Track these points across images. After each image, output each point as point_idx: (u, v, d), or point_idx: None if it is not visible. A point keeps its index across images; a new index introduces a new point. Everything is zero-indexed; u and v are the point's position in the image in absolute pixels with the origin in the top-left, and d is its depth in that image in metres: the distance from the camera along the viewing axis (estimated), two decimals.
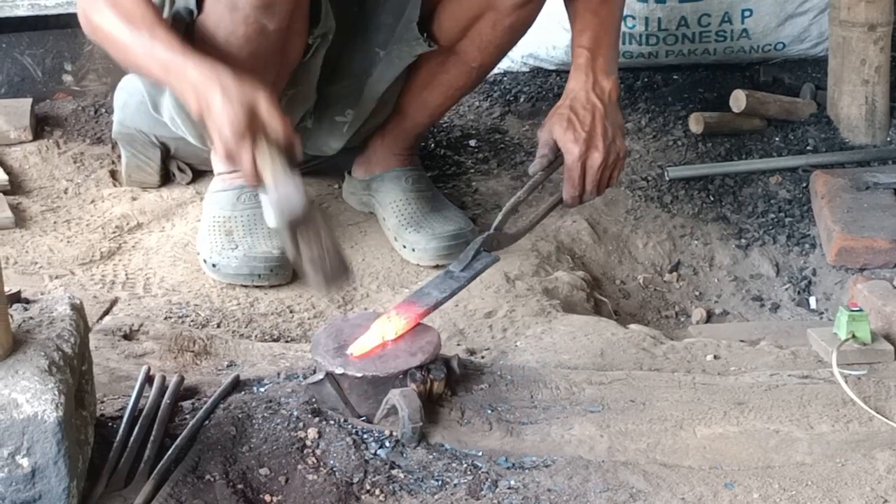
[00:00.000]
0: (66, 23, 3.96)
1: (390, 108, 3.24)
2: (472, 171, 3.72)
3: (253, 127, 2.36)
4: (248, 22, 2.74)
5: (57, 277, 3.03)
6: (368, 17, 3.10)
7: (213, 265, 3.03)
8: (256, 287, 3.02)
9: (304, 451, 2.11)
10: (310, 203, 2.29)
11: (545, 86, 4.19)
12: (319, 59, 3.00)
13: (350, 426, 2.19)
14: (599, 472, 2.12)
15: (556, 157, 2.74)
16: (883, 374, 2.50)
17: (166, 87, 2.63)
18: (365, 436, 2.17)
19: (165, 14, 2.91)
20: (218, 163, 3.19)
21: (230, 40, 2.78)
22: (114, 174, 3.59)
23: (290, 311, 2.95)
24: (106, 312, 2.82)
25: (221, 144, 2.38)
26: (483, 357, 2.65)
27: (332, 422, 2.18)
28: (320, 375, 2.23)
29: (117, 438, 2.10)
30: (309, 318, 2.93)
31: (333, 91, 3.15)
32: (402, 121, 3.27)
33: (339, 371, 2.21)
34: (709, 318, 3.29)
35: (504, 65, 4.21)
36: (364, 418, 2.22)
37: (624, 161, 2.81)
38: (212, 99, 2.39)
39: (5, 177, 3.48)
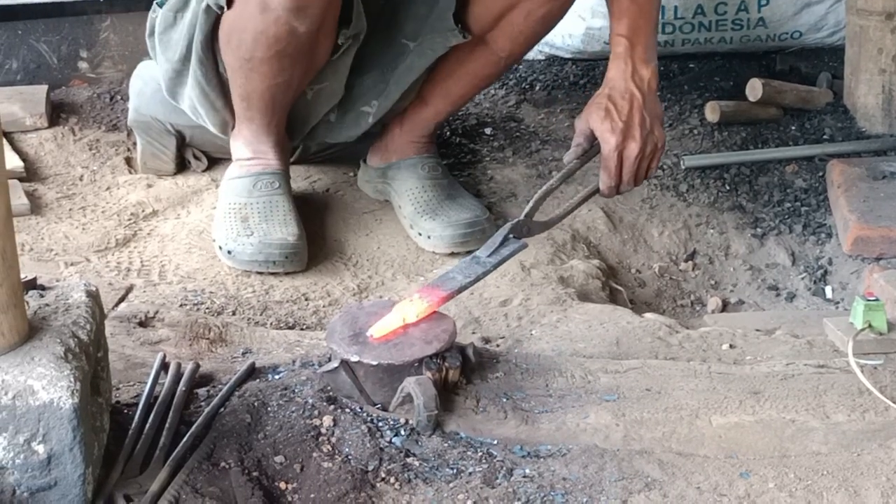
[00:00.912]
0: (82, 10, 3.97)
1: (413, 96, 3.23)
2: (488, 159, 3.71)
3: None
4: (279, 23, 2.74)
5: (72, 264, 3.03)
6: (397, 8, 3.08)
7: (229, 252, 3.03)
8: (272, 274, 3.02)
9: (320, 439, 2.11)
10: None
11: (561, 74, 4.18)
12: (349, 58, 2.99)
13: (365, 414, 2.19)
14: (615, 461, 2.11)
15: (592, 147, 2.73)
16: None
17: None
18: (380, 424, 2.17)
19: (192, 7, 2.91)
20: (235, 149, 3.19)
21: (259, 39, 2.78)
22: (129, 161, 3.60)
23: (306, 299, 2.95)
24: (121, 299, 2.83)
25: None
26: (498, 345, 2.65)
27: (347, 410, 2.18)
28: (335, 363, 2.23)
29: (133, 425, 2.11)
30: (324, 306, 2.93)
31: (358, 83, 3.15)
32: (423, 109, 3.26)
33: (354, 359, 2.21)
34: (724, 307, 3.28)
35: None
36: (379, 406, 2.22)
37: (662, 152, 2.80)
38: None
39: (21, 163, 3.48)
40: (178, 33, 3.04)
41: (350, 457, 2.08)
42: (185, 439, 2.07)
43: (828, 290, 3.29)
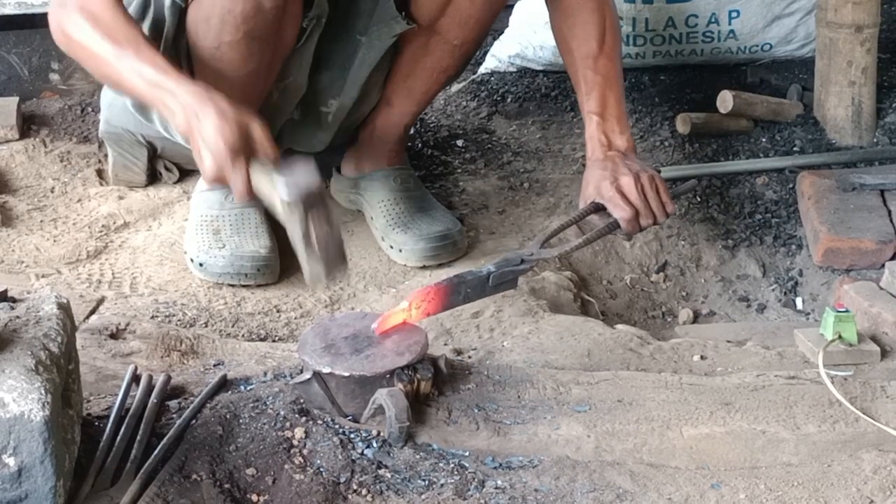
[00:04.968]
0: None
1: (375, 97, 3.23)
2: (460, 171, 3.72)
3: (246, 148, 2.41)
4: None
5: (43, 276, 3.02)
6: (349, 3, 3.09)
7: (200, 264, 3.03)
8: (243, 286, 3.02)
9: (291, 451, 2.11)
10: (322, 183, 2.31)
11: (532, 86, 4.19)
12: (312, 44, 2.99)
13: (337, 426, 2.19)
14: (586, 473, 2.12)
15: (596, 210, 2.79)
16: (869, 375, 2.51)
17: (151, 105, 2.65)
18: (352, 435, 2.17)
19: (151, 14, 2.90)
20: None
21: (226, 19, 2.77)
22: (100, 173, 3.59)
23: (277, 311, 2.95)
24: (93, 311, 2.82)
25: (213, 162, 2.40)
26: (470, 357, 2.65)
27: (319, 421, 2.18)
28: (307, 375, 2.23)
29: (104, 438, 2.10)
30: (296, 318, 2.93)
31: (315, 81, 3.14)
32: (389, 112, 3.26)
33: (326, 370, 2.21)
34: (695, 318, 3.29)
35: (491, 65, 4.21)
36: (351, 418, 2.22)
37: (653, 176, 2.83)
38: (205, 118, 2.41)
39: None
40: None
41: (322, 469, 2.08)
42: (156, 451, 2.06)
43: (798, 301, 3.30)
